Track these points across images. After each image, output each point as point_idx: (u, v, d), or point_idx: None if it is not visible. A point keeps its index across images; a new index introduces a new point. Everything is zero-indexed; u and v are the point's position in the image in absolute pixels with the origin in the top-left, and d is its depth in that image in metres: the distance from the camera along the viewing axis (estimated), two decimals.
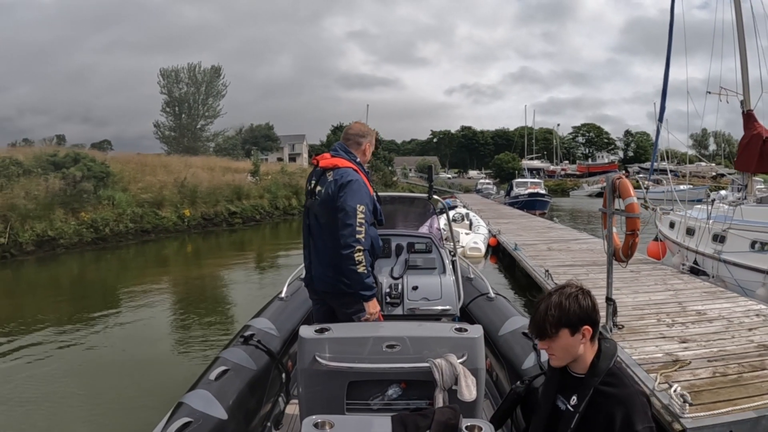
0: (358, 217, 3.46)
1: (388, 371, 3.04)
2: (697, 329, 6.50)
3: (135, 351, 8.41)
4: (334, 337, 3.07)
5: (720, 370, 5.18)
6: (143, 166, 28.31)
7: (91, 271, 17.64)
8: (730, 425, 4.26)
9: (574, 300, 2.19)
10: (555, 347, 2.23)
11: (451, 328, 3.22)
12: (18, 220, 19.13)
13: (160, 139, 55.02)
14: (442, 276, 5.28)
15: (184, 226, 25.60)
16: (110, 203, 22.78)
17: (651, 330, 6.52)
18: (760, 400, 4.55)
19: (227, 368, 3.54)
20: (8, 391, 6.91)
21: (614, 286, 8.48)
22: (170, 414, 3.01)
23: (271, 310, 5.02)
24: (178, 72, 54.26)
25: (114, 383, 6.97)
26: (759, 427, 4.34)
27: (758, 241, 8.86)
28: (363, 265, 3.47)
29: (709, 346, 5.86)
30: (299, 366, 3.13)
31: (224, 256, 20.71)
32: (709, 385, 4.86)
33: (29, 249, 19.01)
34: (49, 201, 20.54)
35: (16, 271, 17.15)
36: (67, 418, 6.13)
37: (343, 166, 3.64)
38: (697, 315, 7.10)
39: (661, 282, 9.21)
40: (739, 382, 4.92)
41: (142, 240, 23.02)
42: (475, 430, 2.31)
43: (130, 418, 5.72)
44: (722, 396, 4.63)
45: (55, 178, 21.25)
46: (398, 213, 6.39)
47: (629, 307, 7.50)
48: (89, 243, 20.96)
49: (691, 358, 5.49)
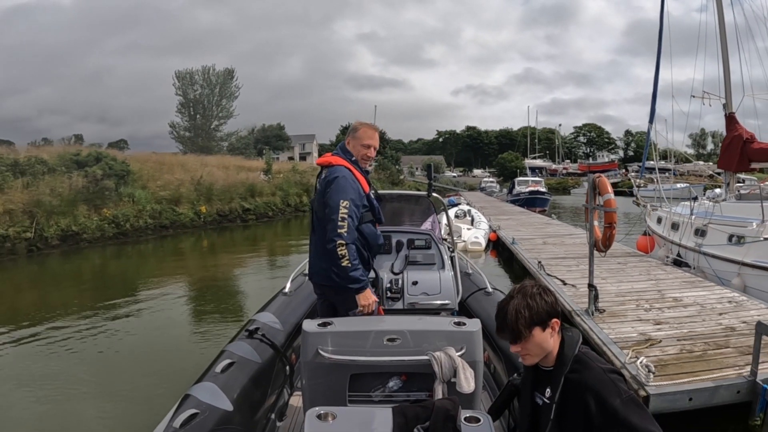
0: (340, 212, 3.47)
1: (388, 364, 3.06)
2: (671, 313, 6.90)
3: (147, 342, 8.51)
4: (336, 331, 3.08)
5: (687, 348, 5.60)
6: (161, 164, 28.44)
7: (112, 265, 17.80)
8: (690, 393, 4.69)
9: (540, 297, 2.20)
10: (529, 347, 2.21)
11: (450, 322, 3.23)
12: (43, 216, 19.36)
13: (176, 138, 55.05)
14: (441, 271, 5.33)
15: (201, 222, 25.81)
16: (130, 200, 22.99)
17: (629, 314, 6.92)
18: (719, 372, 5.00)
19: (233, 361, 3.56)
20: (27, 376, 7.10)
21: (601, 276, 9.00)
22: (177, 405, 3.01)
23: (276, 305, 5.01)
24: (193, 74, 54.30)
25: (125, 373, 7.07)
26: (717, 395, 4.77)
27: (735, 234, 9.23)
28: (347, 259, 3.46)
29: (680, 328, 6.27)
30: (302, 359, 3.13)
31: (238, 251, 20.63)
32: (675, 360, 5.29)
33: (54, 243, 19.23)
34: (72, 198, 20.73)
35: (41, 264, 17.37)
36: (79, 405, 6.20)
37: (336, 164, 3.68)
38: (674, 301, 7.49)
39: (645, 273, 9.58)
40: (702, 358, 5.34)
41: (161, 235, 23.21)
42: (474, 421, 2.32)
43: (139, 406, 5.80)
44: (686, 369, 5.07)
45: (78, 176, 21.49)
46: (399, 210, 6.44)
47: (612, 294, 7.91)
48: (111, 238, 21.18)
49: (662, 337, 5.92)
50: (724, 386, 4.78)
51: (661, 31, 13.17)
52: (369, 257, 3.83)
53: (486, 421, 2.31)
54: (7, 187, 19.51)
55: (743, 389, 4.78)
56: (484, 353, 3.60)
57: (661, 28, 13.16)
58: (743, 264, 8.50)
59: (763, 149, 10.24)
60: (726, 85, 11.31)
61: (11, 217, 18.64)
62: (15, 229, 18.29)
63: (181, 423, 2.74)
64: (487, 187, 57.82)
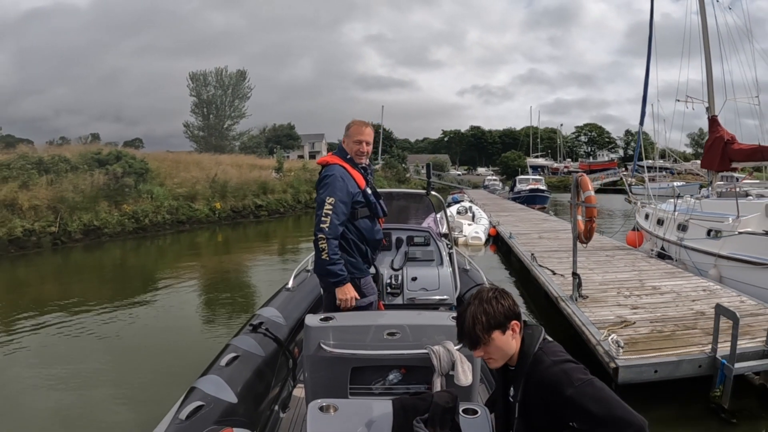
0: (325, 208, 3.51)
1: (388, 357, 3.07)
2: (648, 300, 7.35)
3: (159, 334, 8.63)
4: (338, 326, 3.10)
5: (658, 329, 6.06)
6: (178, 163, 28.67)
7: (132, 258, 18.16)
8: (655, 366, 5.16)
9: (496, 301, 2.18)
10: (491, 351, 2.20)
11: (448, 316, 3.23)
12: (67, 212, 19.82)
13: (190, 138, 55.42)
14: (440, 267, 5.37)
15: (215, 217, 26.15)
16: (149, 197, 23.34)
17: (610, 300, 7.37)
18: (684, 349, 5.45)
19: (237, 355, 3.57)
20: (47, 362, 7.30)
21: (588, 267, 9.47)
22: (183, 398, 3.02)
23: (279, 300, 5.00)
24: (207, 75, 54.56)
25: (137, 363, 7.14)
26: (680, 368, 5.24)
27: (713, 229, 9.66)
28: (326, 253, 3.50)
29: (654, 312, 6.72)
30: (305, 352, 3.15)
31: (250, 245, 20.99)
32: (645, 338, 5.76)
33: (77, 237, 19.71)
34: (94, 194, 21.16)
35: (65, 256, 17.76)
36: (93, 393, 6.24)
37: (332, 162, 3.74)
38: (652, 289, 7.92)
39: (630, 264, 9.99)
40: (671, 337, 5.80)
41: (178, 230, 23.56)
42: (471, 413, 2.34)
43: (148, 396, 5.87)
44: (654, 346, 5.54)
45: (99, 174, 21.86)
46: (399, 208, 6.37)
47: (597, 283, 8.34)
48: (131, 232, 21.59)
49: (636, 319, 6.38)
50: (687, 361, 5.23)
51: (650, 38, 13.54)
52: (368, 251, 3.86)
53: (483, 413, 2.35)
54: (32, 184, 19.84)
55: (704, 364, 5.23)
56: None
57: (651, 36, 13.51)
58: (719, 256, 8.90)
59: (743, 150, 10.63)
60: (709, 89, 11.69)
61: (36, 212, 19.04)
62: (40, 223, 18.76)
63: (187, 415, 2.76)
64: (490, 185, 58.00)
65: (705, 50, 11.67)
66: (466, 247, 16.52)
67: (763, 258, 7.89)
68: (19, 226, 18.06)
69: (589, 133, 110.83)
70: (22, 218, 18.51)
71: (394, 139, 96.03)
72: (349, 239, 3.70)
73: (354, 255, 3.73)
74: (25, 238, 18.15)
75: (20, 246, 17.91)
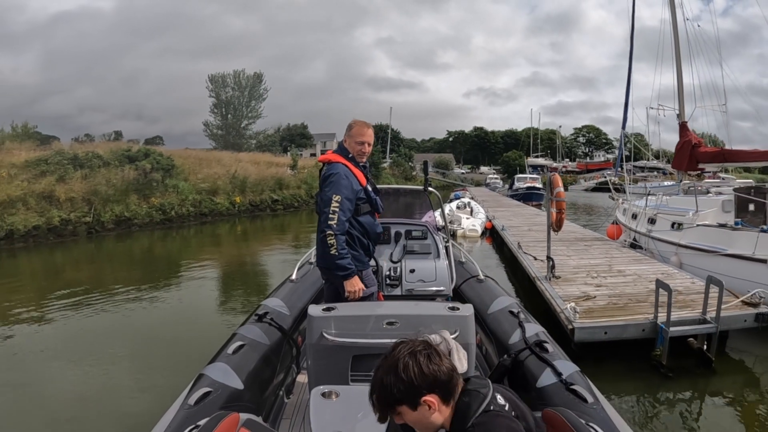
0: (332, 205, 3.48)
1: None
2: (612, 280, 8.21)
3: (172, 320, 8.74)
4: (339, 315, 3.09)
5: (614, 302, 6.96)
6: (200, 160, 29.35)
7: (158, 247, 18.85)
8: (605, 328, 6.05)
9: (393, 375, 1.68)
10: (408, 420, 1.73)
11: (444, 307, 3.24)
12: (100, 203, 20.74)
13: (209, 136, 56.34)
14: (437, 260, 5.41)
15: (235, 210, 26.89)
16: (175, 191, 24.15)
17: (579, 280, 8.24)
18: (632, 317, 6.35)
19: (243, 343, 3.55)
20: (73, 340, 7.64)
21: (566, 254, 10.36)
22: (192, 384, 3.00)
23: (283, 291, 4.98)
24: (225, 78, 55.41)
25: (151, 348, 7.24)
26: (626, 331, 6.13)
27: (676, 222, 10.52)
28: (335, 248, 3.48)
29: (614, 289, 7.59)
30: (308, 341, 3.14)
31: (267, 237, 21.59)
32: (601, 308, 6.66)
33: (109, 227, 20.67)
34: (125, 188, 22.00)
35: (98, 244, 18.59)
36: (110, 373, 6.33)
37: (335, 161, 3.71)
38: (618, 272, 8.77)
39: (604, 253, 10.84)
40: (623, 308, 6.69)
41: (201, 222, 24.35)
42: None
43: (160, 380, 5.93)
44: (608, 314, 6.43)
45: (129, 170, 22.68)
46: (398, 204, 6.44)
47: (571, 267, 9.21)
48: (158, 223, 22.46)
49: (597, 294, 7.28)
50: (633, 325, 6.12)
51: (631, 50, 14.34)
52: (369, 244, 3.87)
53: None
54: (68, 178, 20.71)
55: (647, 328, 6.10)
56: (477, 336, 3.71)
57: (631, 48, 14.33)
58: (680, 245, 9.72)
59: (708, 152, 11.41)
60: (679, 98, 12.45)
61: (72, 203, 19.95)
62: (76, 214, 19.68)
63: (195, 400, 2.76)
64: (492, 182, 58.44)
65: (677, 62, 12.45)
66: (464, 239, 17.39)
67: (716, 247, 8.73)
68: (56, 216, 18.93)
69: (587, 135, 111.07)
70: (60, 209, 19.36)
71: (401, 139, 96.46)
72: (353, 234, 3.71)
73: (357, 249, 3.73)
74: (62, 227, 19.03)
75: (58, 234, 18.79)
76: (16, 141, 25.67)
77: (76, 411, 5.40)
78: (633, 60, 14.57)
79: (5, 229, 17.41)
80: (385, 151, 67.73)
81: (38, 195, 19.31)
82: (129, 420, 4.90)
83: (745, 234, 8.36)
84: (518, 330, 3.83)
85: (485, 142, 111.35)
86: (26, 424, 5.13)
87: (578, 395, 2.80)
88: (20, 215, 18.17)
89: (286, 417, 3.71)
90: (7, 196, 18.36)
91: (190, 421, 2.47)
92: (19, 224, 17.81)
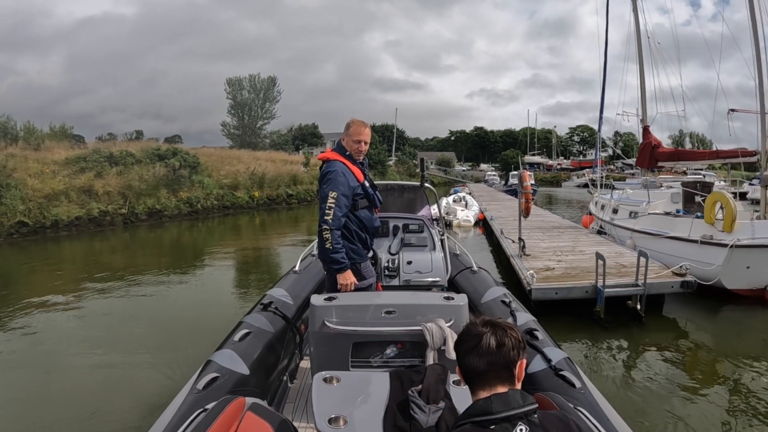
0: (328, 202, 3.46)
1: (386, 334, 3.05)
2: (572, 257, 9.51)
3: (188, 307, 8.90)
4: (340, 305, 3.08)
5: (568, 272, 8.28)
6: (222, 158, 30.50)
7: (186, 236, 19.85)
8: (555, 289, 7.41)
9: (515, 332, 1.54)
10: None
11: (440, 296, 3.24)
12: (134, 197, 22.06)
13: (227, 135, 56.98)
14: (433, 252, 5.39)
15: (254, 204, 28.06)
16: (200, 186, 25.39)
17: (545, 257, 9.55)
18: (579, 282, 7.68)
19: (249, 331, 3.54)
20: (95, 322, 7.94)
21: (540, 239, 11.61)
22: (200, 370, 3.02)
23: (287, 282, 4.96)
24: (241, 81, 55.91)
25: (168, 333, 7.41)
26: (572, 292, 7.49)
27: (633, 211, 11.85)
28: (330, 242, 3.47)
29: (572, 264, 8.90)
30: (311, 329, 3.13)
31: (282, 228, 22.30)
32: (557, 276, 8.00)
33: (143, 218, 21.98)
34: (156, 183, 23.37)
35: (132, 233, 19.79)
36: (129, 355, 6.47)
37: (333, 158, 3.67)
38: (579, 252, 10.07)
39: (573, 238, 12.10)
40: (574, 276, 8.02)
41: (224, 213, 25.51)
42: (461, 384, 2.17)
43: (172, 363, 6.00)
44: (561, 280, 7.77)
45: (160, 167, 23.95)
46: (396, 199, 6.50)
47: (541, 248, 10.52)
48: (186, 215, 23.74)
49: (556, 267, 8.62)
50: (577, 287, 7.49)
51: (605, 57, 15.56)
52: (367, 238, 3.85)
53: None
54: (105, 174, 21.99)
55: (589, 290, 7.45)
56: None
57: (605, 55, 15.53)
58: (634, 230, 11.02)
59: (665, 152, 12.66)
60: (642, 104, 13.67)
61: (109, 197, 21.30)
62: (113, 206, 21.03)
63: (203, 385, 2.76)
64: (490, 179, 58.92)
65: (640, 75, 13.70)
66: (459, 228, 18.68)
67: (661, 231, 10.02)
68: (95, 208, 20.30)
69: (581, 134, 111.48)
70: (98, 202, 20.68)
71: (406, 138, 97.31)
72: (351, 228, 3.69)
73: (355, 242, 3.73)
74: (101, 217, 20.36)
75: (98, 224, 20.15)
76: (54, 140, 26.75)
77: (94, 391, 5.49)
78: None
79: (51, 219, 18.60)
80: (391, 150, 68.71)
81: (78, 189, 20.59)
82: (143, 401, 4.98)
83: (683, 220, 9.67)
84: (510, 319, 3.82)
85: (485, 141, 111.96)
86: (47, 399, 5.33)
87: (566, 380, 2.85)
88: (63, 207, 19.39)
89: (290, 401, 3.75)
90: (52, 190, 19.58)
91: (198, 405, 2.45)
92: (63, 215, 19.05)
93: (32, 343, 7.20)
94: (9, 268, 13.47)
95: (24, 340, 7.30)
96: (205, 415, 2.09)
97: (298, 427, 2.46)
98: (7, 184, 18.21)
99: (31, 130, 27.39)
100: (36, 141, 25.06)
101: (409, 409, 2.10)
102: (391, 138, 72.40)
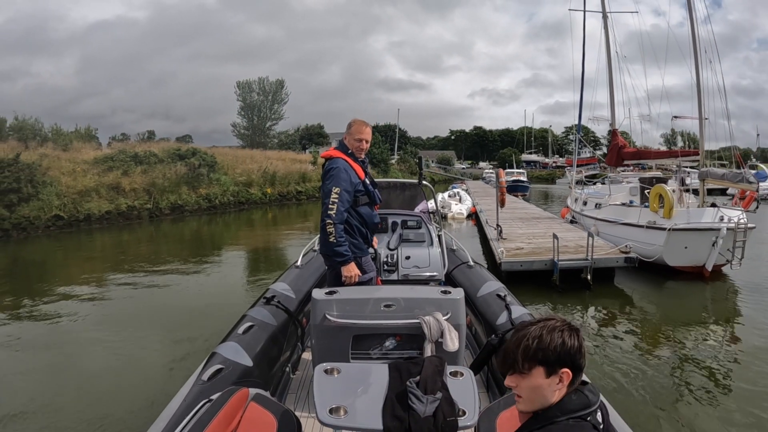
0: (332, 197, 3.46)
1: (385, 326, 3.06)
2: (542, 241, 11.06)
3: (199, 299, 9.05)
4: (341, 299, 3.08)
5: (536, 252, 9.87)
6: (236, 157, 31.83)
7: (204, 229, 20.91)
8: (520, 263, 9.08)
9: (559, 335, 1.40)
10: (523, 386, 1.42)
11: (437, 290, 3.23)
12: (158, 193, 23.33)
13: (237, 135, 58.12)
14: (430, 248, 5.37)
15: (266, 200, 29.28)
16: (218, 183, 26.63)
17: (519, 240, 11.15)
18: (542, 257, 9.32)
19: (253, 324, 3.53)
20: (112, 310, 8.29)
21: (518, 227, 13.18)
22: (206, 361, 3.01)
23: (289, 276, 4.95)
24: (251, 84, 57.14)
25: (179, 323, 7.48)
26: (534, 265, 9.14)
27: (597, 203, 13.51)
28: (333, 236, 3.46)
29: (540, 245, 10.47)
30: (312, 322, 3.13)
31: (292, 222, 23.25)
32: (524, 253, 9.65)
33: (166, 212, 23.25)
34: (177, 181, 24.58)
35: (157, 226, 21.00)
36: (141, 341, 6.66)
37: (335, 156, 3.67)
38: (550, 237, 11.28)
39: (547, 226, 13.62)
40: (539, 254, 9.61)
41: (239, 209, 26.78)
42: (458, 375, 2.29)
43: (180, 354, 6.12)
44: (528, 256, 9.40)
45: (181, 165, 25.26)
46: (395, 196, 6.43)
47: (518, 233, 12.13)
48: (205, 210, 24.99)
49: (525, 247, 10.25)
50: (538, 261, 9.17)
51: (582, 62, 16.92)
52: (367, 233, 3.84)
53: (468, 375, 2.31)
54: (131, 172, 23.25)
55: (548, 263, 9.11)
56: (467, 317, 3.63)
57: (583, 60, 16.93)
58: (597, 219, 12.65)
59: (629, 152, 14.25)
60: (611, 109, 15.31)
61: (135, 193, 22.63)
62: (139, 201, 22.38)
63: (208, 376, 2.77)
64: (487, 176, 59.62)
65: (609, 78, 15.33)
66: (453, 220, 20.24)
67: (617, 219, 11.67)
68: (123, 203, 21.69)
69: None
70: (125, 197, 22.04)
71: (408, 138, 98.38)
72: (352, 224, 3.70)
73: (356, 237, 3.72)
74: (129, 212, 21.71)
75: (126, 218, 21.53)
76: (80, 141, 28.17)
77: (105, 378, 5.59)
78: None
79: (84, 213, 20.05)
80: (393, 149, 69.98)
81: (107, 186, 21.91)
82: (150, 390, 5.01)
83: (634, 209, 11.35)
84: (505, 312, 3.85)
85: (484, 140, 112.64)
86: (59, 385, 5.47)
87: None
88: (94, 202, 20.79)
89: (292, 392, 3.75)
90: (84, 187, 20.92)
91: (203, 396, 2.44)
92: (95, 209, 20.49)
93: (54, 326, 7.63)
94: (45, 256, 14.81)
95: (47, 325, 7.72)
96: (210, 405, 2.13)
97: (300, 416, 2.48)
98: (43, 182, 19.52)
99: (58, 131, 29.08)
100: (64, 142, 26.42)
101: (407, 400, 2.13)
102: (393, 137, 73.77)
